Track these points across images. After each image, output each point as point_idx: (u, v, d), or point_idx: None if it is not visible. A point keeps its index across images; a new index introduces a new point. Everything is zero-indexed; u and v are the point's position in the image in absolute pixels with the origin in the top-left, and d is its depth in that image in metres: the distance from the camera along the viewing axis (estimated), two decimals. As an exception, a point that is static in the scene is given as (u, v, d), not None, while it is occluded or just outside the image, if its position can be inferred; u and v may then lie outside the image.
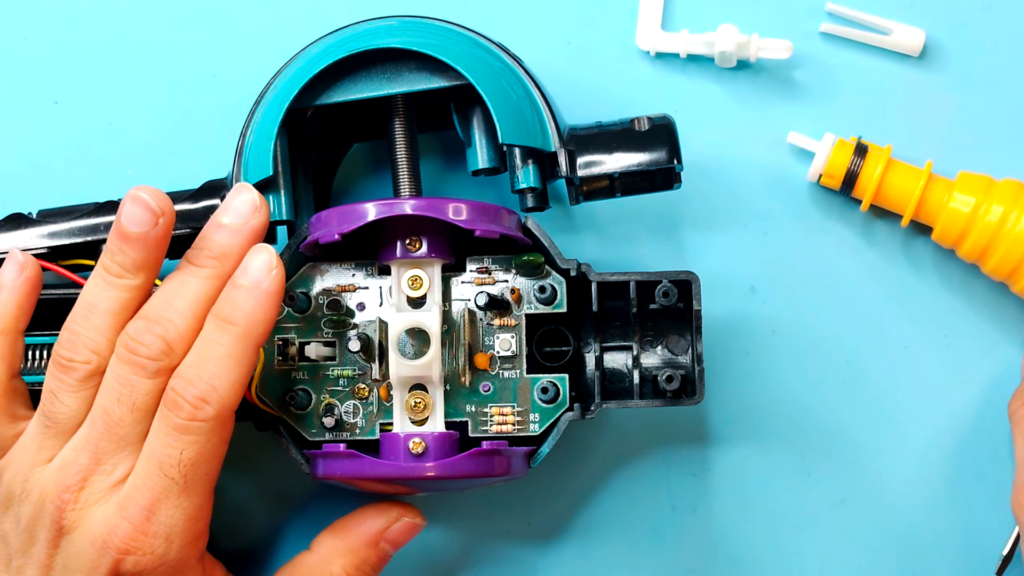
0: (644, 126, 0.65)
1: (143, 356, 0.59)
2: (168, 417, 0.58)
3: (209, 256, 0.61)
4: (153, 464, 0.58)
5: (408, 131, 0.67)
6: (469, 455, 0.61)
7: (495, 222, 0.62)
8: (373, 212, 0.61)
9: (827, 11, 0.72)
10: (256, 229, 0.61)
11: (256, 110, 0.64)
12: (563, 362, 0.66)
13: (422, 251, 0.63)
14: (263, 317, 0.59)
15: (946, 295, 0.71)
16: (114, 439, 0.59)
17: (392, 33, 0.64)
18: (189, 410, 0.58)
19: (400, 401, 0.63)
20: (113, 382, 0.59)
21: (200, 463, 0.59)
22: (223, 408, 0.59)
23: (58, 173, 0.72)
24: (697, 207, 0.72)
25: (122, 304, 0.60)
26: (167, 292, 0.60)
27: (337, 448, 0.62)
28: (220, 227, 0.61)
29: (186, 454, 0.58)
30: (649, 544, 0.71)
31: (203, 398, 0.58)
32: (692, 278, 0.64)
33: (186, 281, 0.60)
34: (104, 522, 0.59)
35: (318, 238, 0.62)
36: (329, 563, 0.65)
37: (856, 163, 0.69)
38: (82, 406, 0.60)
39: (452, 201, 0.61)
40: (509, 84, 0.64)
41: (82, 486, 0.59)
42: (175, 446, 0.58)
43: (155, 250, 0.60)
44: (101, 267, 0.60)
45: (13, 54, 0.73)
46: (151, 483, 0.58)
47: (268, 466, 0.70)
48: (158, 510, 0.59)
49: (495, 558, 0.71)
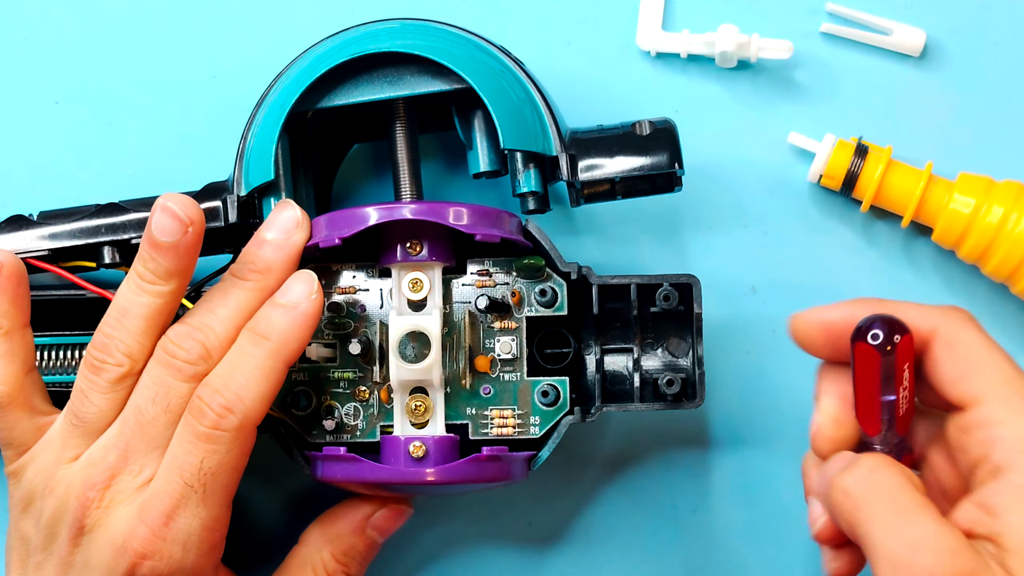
0: (645, 130, 0.64)
1: (181, 359, 0.60)
2: (192, 424, 0.59)
3: (253, 270, 0.62)
4: (174, 470, 0.59)
5: (409, 134, 0.67)
6: (469, 461, 0.61)
7: (495, 226, 0.62)
8: (374, 216, 0.61)
9: (827, 11, 0.72)
10: (298, 245, 0.62)
11: (257, 113, 0.64)
12: (564, 364, 0.66)
13: (423, 254, 0.63)
14: (297, 336, 0.60)
15: (946, 296, 0.71)
16: (145, 439, 0.60)
17: (393, 36, 0.64)
18: (213, 418, 0.59)
19: (400, 404, 0.63)
20: (149, 383, 0.60)
21: (220, 473, 0.59)
22: (247, 420, 0.59)
23: (58, 173, 0.72)
24: (697, 208, 0.72)
25: (155, 309, 0.61)
26: (210, 301, 0.61)
27: (337, 451, 0.62)
28: (264, 242, 0.62)
29: (207, 463, 0.59)
30: (650, 544, 0.71)
31: (228, 407, 0.59)
32: (693, 281, 0.64)
33: (229, 292, 0.61)
34: (125, 524, 0.59)
35: (319, 242, 0.62)
36: (318, 551, 0.65)
37: (856, 164, 0.69)
38: (111, 407, 0.61)
39: (452, 205, 0.61)
40: (511, 88, 0.64)
41: (108, 484, 0.60)
42: (196, 454, 0.59)
43: (185, 258, 0.60)
44: (134, 272, 0.61)
45: (13, 54, 0.73)
46: (171, 489, 0.59)
47: (269, 462, 0.70)
48: (176, 516, 0.59)
49: (495, 558, 0.71)
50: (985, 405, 0.56)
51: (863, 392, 0.59)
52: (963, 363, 0.57)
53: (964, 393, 0.57)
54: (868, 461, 0.56)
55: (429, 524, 0.71)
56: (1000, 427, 0.55)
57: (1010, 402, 0.56)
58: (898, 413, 0.58)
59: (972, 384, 0.57)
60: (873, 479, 0.55)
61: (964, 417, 0.57)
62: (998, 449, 0.55)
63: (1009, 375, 0.57)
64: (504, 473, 0.62)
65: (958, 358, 0.57)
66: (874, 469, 0.56)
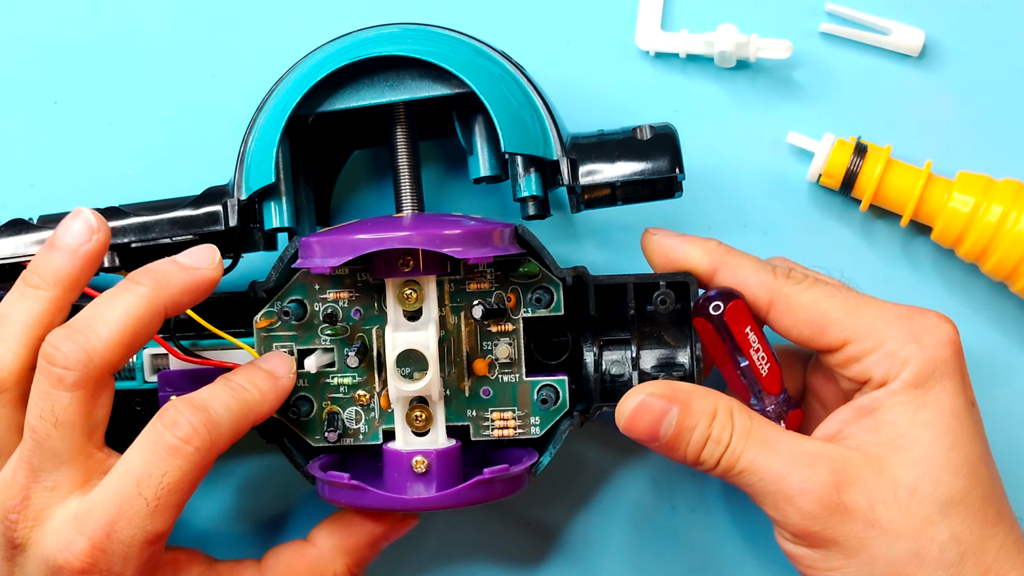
0: (646, 135, 0.64)
1: (60, 365, 0.57)
2: (162, 436, 0.57)
3: (39, 282, 0.60)
4: (130, 480, 0.57)
5: (410, 139, 0.66)
6: (471, 485, 0.61)
7: (488, 245, 0.61)
8: (364, 245, 0.60)
9: (827, 11, 0.72)
10: (91, 253, 0.60)
11: (258, 116, 0.64)
12: (562, 359, 0.66)
13: (416, 269, 0.62)
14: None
15: (945, 295, 0.71)
16: (47, 455, 0.58)
17: (394, 41, 0.64)
18: (187, 430, 0.57)
19: (401, 415, 0.63)
20: (36, 398, 0.58)
21: (177, 490, 0.57)
22: (214, 432, 0.58)
23: (58, 173, 0.72)
24: (697, 207, 0.72)
25: (35, 317, 0.59)
26: (98, 305, 0.59)
27: (343, 478, 0.61)
28: (55, 249, 0.60)
29: (168, 477, 0.57)
30: (649, 544, 0.71)
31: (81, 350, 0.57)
32: (689, 279, 0.64)
33: (119, 296, 0.59)
34: (57, 539, 0.57)
35: (310, 268, 0.61)
36: (333, 561, 0.65)
37: (855, 163, 0.69)
38: (2, 424, 0.59)
39: (445, 227, 0.61)
40: (511, 92, 0.64)
41: (26, 504, 0.58)
42: (159, 467, 0.57)
43: (79, 265, 0.60)
44: (21, 278, 0.60)
45: (13, 54, 0.73)
46: (120, 499, 0.57)
47: (269, 457, 0.71)
48: (119, 529, 0.57)
49: (495, 558, 0.72)
50: (851, 344, 0.62)
51: (720, 363, 0.64)
52: (809, 324, 0.62)
53: (825, 343, 0.62)
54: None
55: (429, 527, 0.71)
56: (872, 354, 0.61)
57: (871, 331, 0.61)
58: (759, 375, 0.63)
59: (829, 336, 0.62)
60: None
61: (835, 356, 0.63)
62: (877, 370, 0.61)
63: (856, 309, 0.62)
64: (506, 491, 0.63)
65: (803, 321, 0.62)
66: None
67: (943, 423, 0.60)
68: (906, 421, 0.60)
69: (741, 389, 0.64)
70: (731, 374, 0.64)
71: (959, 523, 0.59)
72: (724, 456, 0.60)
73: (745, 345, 0.63)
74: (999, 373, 0.71)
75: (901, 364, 0.61)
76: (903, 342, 0.61)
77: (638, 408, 0.61)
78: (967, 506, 0.60)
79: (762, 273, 0.63)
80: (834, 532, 0.59)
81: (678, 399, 0.61)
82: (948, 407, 0.61)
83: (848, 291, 0.63)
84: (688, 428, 0.61)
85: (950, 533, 0.59)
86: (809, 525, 0.59)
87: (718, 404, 0.61)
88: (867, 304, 0.62)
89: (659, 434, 0.61)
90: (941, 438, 0.60)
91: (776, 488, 0.60)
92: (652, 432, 0.61)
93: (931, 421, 0.60)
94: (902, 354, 0.61)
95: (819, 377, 0.67)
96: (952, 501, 0.60)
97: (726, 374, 0.64)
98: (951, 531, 0.59)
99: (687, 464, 0.61)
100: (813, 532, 0.59)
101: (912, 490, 0.59)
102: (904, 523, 0.59)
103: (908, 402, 0.61)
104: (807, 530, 0.60)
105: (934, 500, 0.59)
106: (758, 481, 0.60)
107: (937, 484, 0.60)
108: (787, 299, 0.63)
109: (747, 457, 0.60)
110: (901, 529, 0.59)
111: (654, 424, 0.61)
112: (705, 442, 0.60)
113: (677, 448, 0.61)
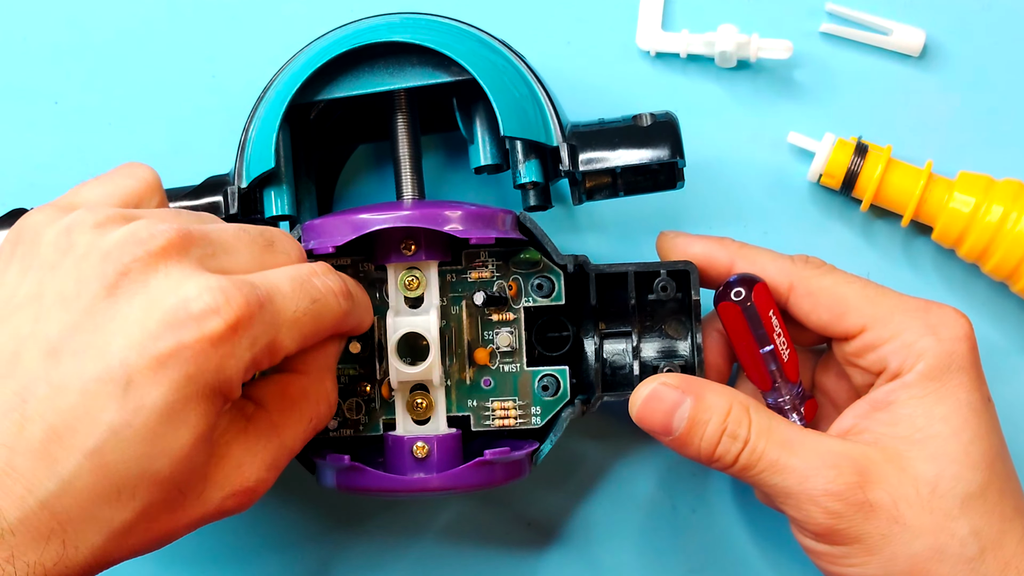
0: (647, 122, 0.64)
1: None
2: (311, 279, 0.56)
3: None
4: (288, 284, 0.55)
5: (411, 128, 0.66)
6: (472, 466, 0.61)
7: (490, 227, 0.62)
8: (368, 224, 0.60)
9: (827, 11, 0.72)
10: None
11: (259, 105, 0.64)
12: (564, 350, 0.66)
13: (418, 253, 0.62)
14: None
15: (946, 295, 0.71)
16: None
17: (395, 29, 0.64)
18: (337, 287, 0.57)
19: (402, 402, 0.63)
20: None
21: (318, 320, 0.56)
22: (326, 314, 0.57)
23: (58, 173, 0.72)
24: (697, 207, 0.72)
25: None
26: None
27: (342, 460, 0.61)
28: None
29: (318, 306, 0.56)
30: (649, 544, 0.71)
31: None
32: (690, 268, 0.64)
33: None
34: (199, 283, 0.52)
35: (313, 248, 0.62)
36: (321, 381, 0.59)
37: (856, 163, 0.69)
38: None
39: (446, 208, 0.61)
40: (511, 79, 0.64)
41: (177, 241, 0.53)
42: (310, 295, 0.55)
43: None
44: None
45: (13, 54, 0.73)
46: (272, 291, 0.54)
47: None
48: (273, 300, 0.54)
49: (495, 558, 0.71)
50: (868, 331, 0.62)
51: (743, 349, 0.64)
52: (829, 308, 0.63)
53: (843, 330, 0.63)
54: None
55: (427, 522, 0.71)
56: (889, 343, 0.62)
57: (889, 320, 0.62)
58: (782, 360, 0.63)
59: (847, 321, 0.63)
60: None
61: (851, 345, 0.63)
62: (892, 360, 0.62)
63: (875, 297, 0.63)
64: (507, 475, 0.62)
65: (823, 305, 0.63)
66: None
67: (961, 417, 0.60)
68: (923, 415, 0.60)
69: (761, 377, 0.64)
70: (752, 360, 0.63)
71: (979, 518, 0.60)
72: (743, 453, 0.60)
73: (770, 328, 0.63)
74: (999, 373, 0.71)
75: (917, 356, 0.61)
76: (920, 334, 0.61)
77: (650, 396, 0.61)
78: (986, 501, 0.60)
79: (780, 260, 0.64)
80: (859, 530, 0.59)
81: (692, 390, 0.61)
82: (965, 401, 0.61)
83: (866, 280, 0.64)
84: (702, 421, 0.60)
85: (970, 528, 0.59)
86: (834, 523, 0.59)
87: (733, 399, 0.61)
88: (886, 294, 0.63)
89: (672, 426, 0.61)
90: (959, 433, 0.60)
91: (800, 489, 0.59)
92: (665, 424, 0.61)
93: (948, 415, 0.60)
94: (918, 346, 0.61)
95: (830, 375, 0.67)
96: (971, 496, 0.60)
97: (745, 361, 0.64)
98: (971, 526, 0.59)
99: (701, 461, 0.61)
100: (838, 530, 0.59)
101: (933, 486, 0.59)
102: (926, 519, 0.59)
103: (924, 396, 0.61)
104: (832, 528, 0.60)
105: (954, 495, 0.59)
106: (780, 481, 0.60)
107: (957, 479, 0.60)
108: (807, 283, 0.63)
109: (769, 456, 0.60)
110: (923, 525, 0.59)
111: (667, 415, 0.61)
112: (720, 436, 0.60)
113: (690, 442, 0.61)
